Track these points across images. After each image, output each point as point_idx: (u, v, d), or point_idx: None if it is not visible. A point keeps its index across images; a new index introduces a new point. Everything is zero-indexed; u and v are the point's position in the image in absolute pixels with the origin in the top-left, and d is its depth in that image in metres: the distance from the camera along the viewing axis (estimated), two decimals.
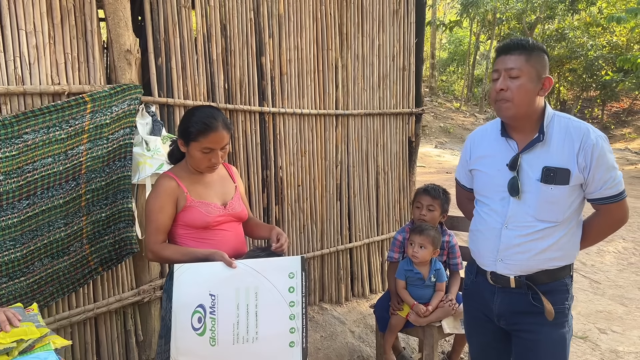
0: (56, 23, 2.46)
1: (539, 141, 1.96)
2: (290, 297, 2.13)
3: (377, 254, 4.21)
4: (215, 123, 2.17)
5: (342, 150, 3.86)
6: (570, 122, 1.98)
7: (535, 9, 19.41)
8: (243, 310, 2.10)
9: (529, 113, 1.96)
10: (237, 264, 2.10)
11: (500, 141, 2.06)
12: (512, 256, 2.02)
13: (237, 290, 2.10)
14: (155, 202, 2.22)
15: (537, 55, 1.92)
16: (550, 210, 1.95)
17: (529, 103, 1.93)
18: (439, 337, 2.99)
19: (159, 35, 2.86)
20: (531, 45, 1.92)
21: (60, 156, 2.45)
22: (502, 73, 1.93)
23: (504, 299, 2.08)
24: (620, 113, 21.22)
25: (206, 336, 2.09)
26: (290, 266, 2.15)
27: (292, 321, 2.12)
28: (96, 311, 2.74)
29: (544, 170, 1.93)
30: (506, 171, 2.01)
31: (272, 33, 3.36)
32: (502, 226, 2.03)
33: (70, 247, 2.59)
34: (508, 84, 1.91)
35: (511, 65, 1.91)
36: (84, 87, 2.54)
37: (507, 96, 1.92)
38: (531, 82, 1.91)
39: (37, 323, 1.67)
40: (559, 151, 1.94)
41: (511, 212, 2.01)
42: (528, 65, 1.90)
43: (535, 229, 1.97)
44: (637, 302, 4.75)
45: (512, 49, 1.93)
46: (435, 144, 14.76)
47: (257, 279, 2.12)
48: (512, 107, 1.93)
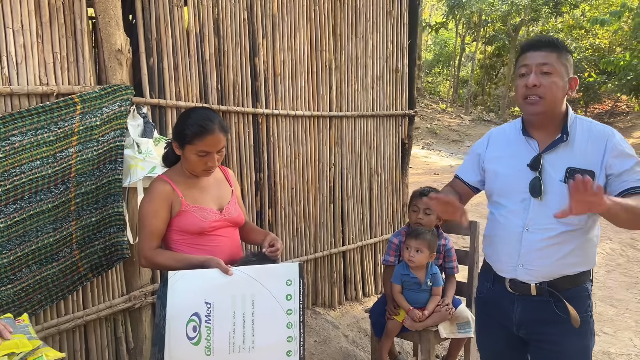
0: (44, 21, 2.38)
1: (562, 141, 1.92)
2: (287, 305, 2.08)
3: (370, 257, 4.17)
4: (211, 125, 2.11)
5: (335, 152, 3.82)
6: (592, 125, 1.95)
7: (519, 12, 19.58)
8: (239, 319, 2.04)
9: (556, 113, 1.92)
10: (233, 271, 2.04)
11: (520, 141, 2.01)
12: (533, 261, 1.95)
13: (233, 298, 2.04)
14: (149, 207, 2.15)
15: (566, 54, 1.89)
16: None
17: (559, 102, 1.90)
18: (436, 341, 2.96)
19: (150, 34, 2.79)
20: (561, 43, 1.90)
21: (48, 159, 2.37)
22: (532, 68, 1.88)
23: (525, 307, 2.01)
24: (603, 115, 21.49)
25: (201, 345, 2.03)
26: (287, 273, 2.10)
27: (290, 329, 2.08)
28: (85, 318, 2.66)
29: (568, 171, 1.88)
30: (527, 172, 1.95)
31: (266, 33, 3.30)
32: (523, 229, 1.96)
33: (60, 253, 2.50)
34: (540, 80, 1.86)
35: (544, 60, 1.86)
36: (73, 87, 2.46)
37: (540, 92, 1.87)
38: (562, 80, 1.87)
39: (29, 335, 1.60)
40: (583, 152, 1.90)
41: (532, 214, 1.94)
42: (559, 62, 1.87)
43: (557, 232, 1.91)
44: (627, 303, 4.78)
45: (544, 45, 1.89)
46: (422, 145, 14.77)
47: (253, 286, 2.07)
48: (542, 105, 1.88)
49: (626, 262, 6.01)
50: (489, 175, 2.13)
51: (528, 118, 1.99)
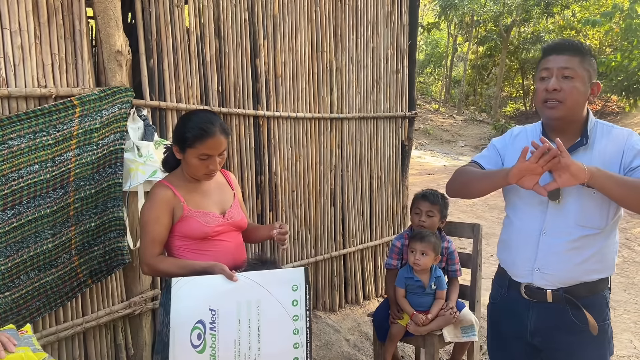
0: (42, 22, 2.32)
1: (581, 145, 1.89)
2: (294, 311, 2.03)
3: (370, 260, 4.14)
4: (212, 128, 2.07)
5: (336, 154, 3.78)
6: (613, 129, 1.94)
7: (511, 12, 19.65)
8: (245, 326, 2.00)
9: (576, 117, 1.90)
10: (238, 276, 2.00)
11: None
12: (550, 266, 1.92)
13: (238, 304, 2.00)
14: (151, 213, 2.10)
15: (589, 59, 1.86)
16: (592, 216, 1.86)
17: (579, 106, 1.87)
18: (440, 346, 2.93)
19: (150, 35, 2.73)
20: (585, 47, 1.87)
21: (47, 163, 2.32)
22: (554, 72, 1.85)
23: (541, 314, 1.97)
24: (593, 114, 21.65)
25: (206, 353, 1.98)
26: (293, 278, 2.05)
27: (296, 336, 2.03)
28: (85, 325, 2.60)
29: None
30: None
31: (267, 34, 3.26)
32: (540, 233, 1.93)
33: (58, 259, 2.45)
34: (561, 84, 1.84)
35: (565, 64, 1.84)
36: (72, 89, 2.41)
37: (560, 97, 1.84)
38: (583, 85, 1.85)
39: (33, 347, 1.55)
40: (602, 155, 1.88)
41: (550, 217, 1.91)
42: (582, 67, 1.84)
43: (576, 236, 1.87)
44: (625, 304, 4.79)
45: (566, 49, 1.86)
46: (416, 146, 14.76)
47: (259, 292, 2.02)
48: (562, 109, 1.85)
49: (622, 263, 6.03)
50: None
51: (547, 122, 1.97)
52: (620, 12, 12.84)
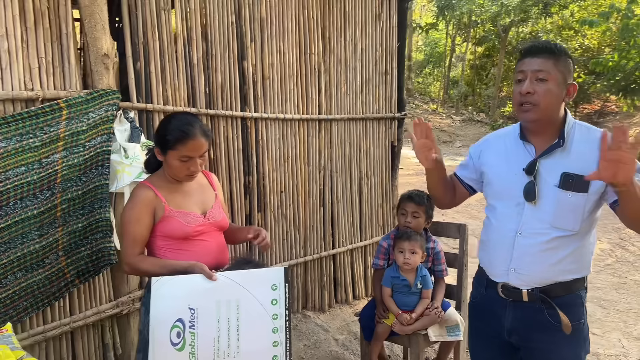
0: (29, 26, 2.36)
1: (558, 146, 1.90)
2: (273, 310, 2.06)
3: (360, 260, 4.17)
4: (193, 130, 2.10)
5: (325, 155, 3.81)
6: (591, 131, 1.93)
7: (509, 12, 19.65)
8: (224, 324, 2.03)
9: (552, 119, 1.90)
10: (217, 276, 2.03)
11: (518, 145, 2.00)
12: (525, 266, 1.94)
13: (217, 303, 2.03)
14: (132, 213, 2.14)
15: (564, 60, 1.86)
16: (566, 218, 1.87)
17: (554, 109, 1.87)
18: (425, 345, 2.96)
19: (137, 38, 2.77)
20: (559, 49, 1.87)
21: (34, 165, 2.35)
22: (528, 75, 1.86)
23: (517, 313, 1.99)
24: (592, 115, 21.64)
25: (185, 351, 2.02)
26: (273, 278, 2.08)
27: (275, 334, 2.05)
28: (72, 325, 2.64)
29: (563, 176, 1.87)
30: (522, 176, 1.94)
31: (254, 37, 3.29)
32: (516, 233, 1.95)
33: (46, 260, 2.48)
34: (535, 87, 1.85)
35: (539, 67, 1.84)
36: (59, 92, 2.44)
37: (534, 100, 1.85)
38: (558, 87, 1.85)
39: (12, 345, 1.58)
40: (580, 158, 1.88)
41: (526, 218, 1.93)
42: (556, 69, 1.84)
43: (550, 237, 1.89)
44: (615, 303, 4.81)
45: (540, 51, 1.86)
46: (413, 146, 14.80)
47: (238, 291, 2.05)
48: (537, 111, 1.86)
49: (615, 263, 6.05)
50: (486, 178, 2.12)
51: (524, 124, 1.98)
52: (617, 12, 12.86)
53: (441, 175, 2.18)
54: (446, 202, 2.30)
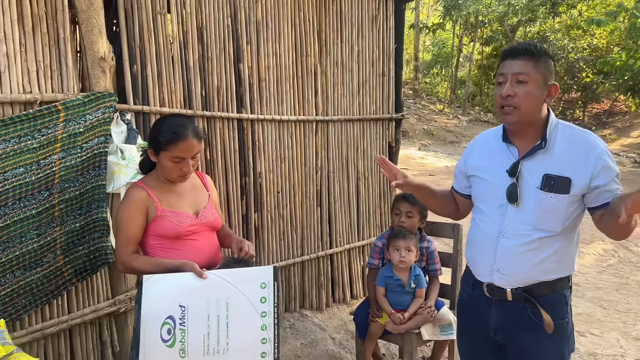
0: (27, 30, 2.42)
1: (540, 148, 1.91)
2: (262, 308, 2.11)
3: (358, 260, 4.20)
4: (184, 132, 2.15)
5: (322, 156, 3.85)
6: (574, 131, 1.94)
7: (517, 12, 19.58)
8: (214, 321, 2.08)
9: (534, 120, 1.91)
10: (207, 274, 2.08)
11: (502, 147, 2.02)
12: (508, 266, 1.96)
13: (207, 301, 2.08)
14: (125, 213, 2.19)
15: (545, 61, 1.88)
16: (548, 219, 1.89)
17: (535, 110, 1.89)
18: (418, 343, 2.99)
19: (134, 42, 2.83)
20: (539, 50, 1.87)
21: (32, 166, 2.41)
22: (508, 78, 1.88)
23: (502, 312, 2.02)
24: (601, 114, 21.50)
25: (176, 348, 2.06)
26: (262, 276, 2.13)
27: (264, 332, 2.10)
28: (70, 322, 2.69)
29: (545, 177, 1.88)
30: (506, 177, 1.96)
31: (250, 39, 3.34)
32: (499, 234, 1.97)
33: (44, 259, 2.54)
34: (515, 89, 1.86)
35: (518, 69, 1.86)
36: (56, 95, 2.50)
37: (514, 102, 1.87)
38: (538, 88, 1.86)
39: (3, 340, 1.64)
40: (562, 160, 1.89)
41: (508, 219, 1.95)
42: (536, 71, 1.85)
43: (532, 238, 1.91)
44: (616, 304, 4.81)
45: (520, 53, 1.87)
46: (419, 146, 14.80)
47: (228, 289, 2.10)
48: (518, 114, 1.88)
49: (618, 263, 6.03)
50: (472, 181, 2.15)
51: (506, 126, 2.00)
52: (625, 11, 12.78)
53: (425, 193, 2.26)
54: (451, 214, 2.34)
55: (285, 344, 3.55)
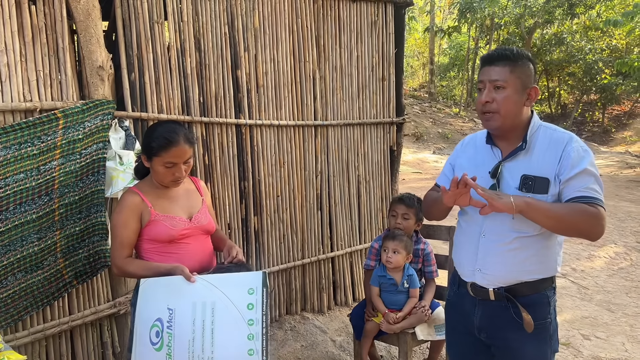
0: (27, 41, 2.51)
1: (521, 150, 1.94)
2: (249, 315, 2.00)
3: (359, 263, 4.22)
4: (176, 137, 2.21)
5: (322, 160, 3.89)
6: (555, 133, 1.96)
7: (533, 14, 19.39)
8: (199, 327, 2.02)
9: (515, 124, 1.95)
10: (196, 278, 2.08)
11: (486, 149, 2.05)
12: (489, 266, 1.99)
13: (193, 304, 2.04)
14: (119, 218, 2.25)
15: (522, 65, 1.90)
16: (526, 221, 1.91)
17: (515, 115, 1.92)
18: (413, 344, 3.01)
19: (131, 50, 2.91)
20: (516, 54, 1.90)
21: (32, 172, 2.50)
22: (487, 84, 1.92)
23: (485, 311, 2.05)
24: (622, 116, 21.13)
25: (163, 352, 2.07)
26: (250, 282, 2.04)
27: (251, 342, 1.99)
28: (71, 324, 2.77)
29: (523, 178, 1.91)
30: (488, 179, 1.99)
31: (248, 46, 3.40)
32: (480, 235, 2.01)
33: (44, 262, 2.63)
34: (493, 95, 1.90)
35: (496, 76, 1.89)
36: (56, 103, 2.59)
37: (493, 108, 1.91)
38: (517, 93, 1.90)
39: None
40: (540, 160, 1.92)
41: (489, 220, 1.98)
42: (513, 76, 1.88)
43: (511, 238, 1.94)
44: (624, 307, 4.74)
45: (496, 59, 1.91)
46: (434, 150, 14.74)
47: (214, 293, 2.03)
48: (498, 119, 1.92)
49: (629, 266, 5.94)
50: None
51: (489, 130, 2.03)
52: None
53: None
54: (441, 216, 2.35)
55: (285, 346, 3.59)
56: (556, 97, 22.12)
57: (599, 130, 20.28)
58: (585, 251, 6.32)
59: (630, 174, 12.13)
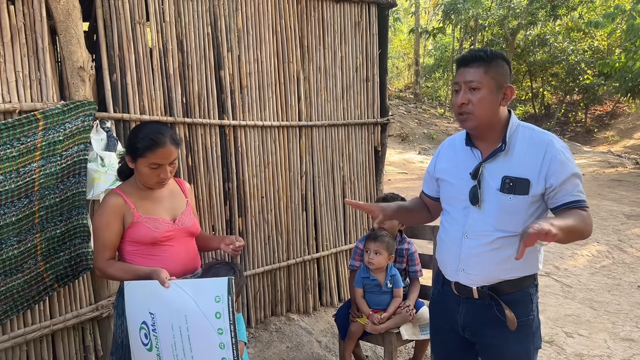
0: (6, 42, 2.48)
1: (500, 150, 1.96)
2: (217, 324, 1.96)
3: (344, 263, 4.23)
4: (162, 138, 2.19)
5: (306, 161, 3.89)
6: (533, 133, 1.98)
7: (516, 16, 19.59)
8: (177, 332, 2.02)
9: (492, 124, 1.96)
10: (170, 283, 2.04)
11: (466, 151, 2.06)
12: (473, 266, 2.01)
13: (170, 310, 2.03)
14: (101, 219, 2.23)
15: (497, 66, 1.91)
16: (509, 220, 1.93)
17: (491, 115, 1.93)
18: (398, 343, 3.02)
19: (113, 51, 2.88)
20: (489, 55, 1.92)
21: (11, 174, 2.46)
22: (462, 86, 1.94)
23: (469, 309, 2.07)
24: (604, 116, 21.43)
25: (153, 353, 2.09)
26: (215, 289, 1.98)
27: (223, 351, 1.96)
28: (52, 328, 2.74)
29: (503, 179, 1.93)
30: (469, 180, 2.01)
31: (231, 47, 3.39)
32: (463, 235, 2.03)
33: (24, 264, 2.59)
34: (469, 96, 1.91)
35: (470, 78, 1.91)
36: (35, 104, 2.55)
37: (469, 109, 1.92)
38: (491, 93, 1.91)
39: None
40: (521, 161, 1.93)
41: (471, 221, 2.00)
42: (487, 76, 1.90)
43: (493, 238, 1.96)
44: (606, 305, 4.80)
45: (470, 61, 1.92)
46: (419, 150, 14.82)
47: (186, 301, 2.00)
48: (474, 120, 1.93)
49: (611, 264, 6.02)
50: (440, 184, 2.20)
51: (467, 131, 2.05)
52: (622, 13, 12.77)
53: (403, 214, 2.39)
54: (425, 220, 2.41)
55: (271, 347, 3.58)
56: (540, 97, 22.36)
57: (581, 130, 20.55)
58: (568, 250, 6.39)
59: (612, 174, 12.29)
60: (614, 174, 12.18)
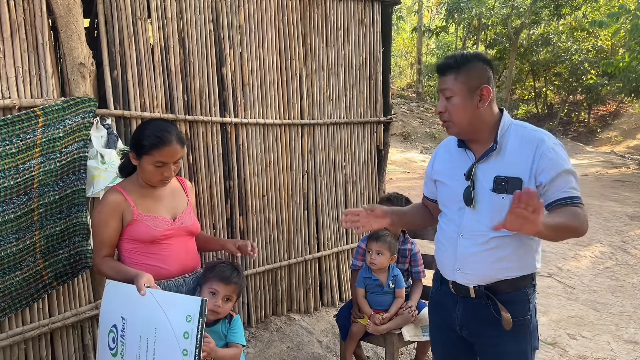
0: (6, 37, 2.45)
1: (492, 151, 1.96)
2: (183, 344, 1.88)
3: (346, 263, 4.20)
4: (169, 137, 2.16)
5: (308, 159, 3.86)
6: (525, 131, 1.97)
7: (520, 15, 19.51)
8: (144, 344, 1.95)
9: (477, 126, 1.96)
10: (146, 291, 1.97)
11: (460, 152, 2.07)
12: (468, 266, 2.01)
13: (141, 319, 1.97)
14: (100, 216, 2.20)
15: (467, 70, 1.91)
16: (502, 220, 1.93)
17: (470, 118, 1.93)
18: (400, 345, 2.99)
19: (114, 47, 2.85)
20: (459, 60, 1.91)
21: (10, 170, 2.43)
22: (440, 94, 1.97)
23: (466, 308, 2.07)
24: (607, 116, 21.35)
25: (117, 358, 2.04)
26: (188, 307, 1.90)
27: None
28: (51, 326, 2.71)
29: (496, 179, 1.92)
30: (463, 181, 2.01)
31: (233, 44, 3.36)
32: (458, 236, 2.02)
33: (23, 262, 2.56)
34: (445, 104, 1.94)
35: (443, 86, 1.94)
36: (35, 100, 2.53)
37: (446, 117, 1.95)
38: (465, 98, 1.91)
39: None
40: (512, 160, 1.93)
41: (466, 221, 2.00)
42: (457, 82, 1.90)
43: (488, 238, 1.95)
44: (610, 307, 4.77)
45: (443, 69, 1.95)
46: (421, 149, 14.78)
47: (158, 314, 1.93)
48: (453, 127, 1.96)
49: (615, 266, 5.99)
50: (437, 185, 2.21)
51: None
52: (626, 12, 12.71)
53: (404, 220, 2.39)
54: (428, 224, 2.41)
55: (271, 347, 3.55)
56: (542, 97, 22.29)
57: (584, 130, 20.48)
58: (571, 250, 6.36)
59: (615, 174, 12.25)
60: (617, 175, 12.14)
